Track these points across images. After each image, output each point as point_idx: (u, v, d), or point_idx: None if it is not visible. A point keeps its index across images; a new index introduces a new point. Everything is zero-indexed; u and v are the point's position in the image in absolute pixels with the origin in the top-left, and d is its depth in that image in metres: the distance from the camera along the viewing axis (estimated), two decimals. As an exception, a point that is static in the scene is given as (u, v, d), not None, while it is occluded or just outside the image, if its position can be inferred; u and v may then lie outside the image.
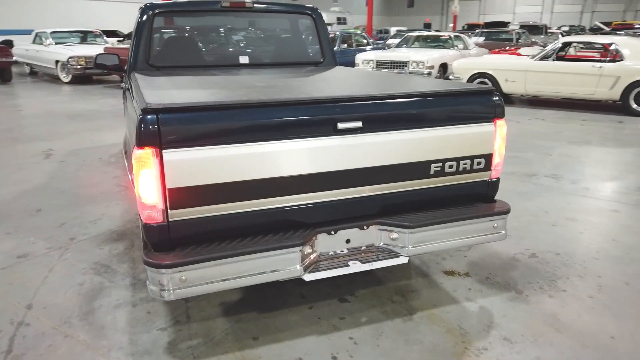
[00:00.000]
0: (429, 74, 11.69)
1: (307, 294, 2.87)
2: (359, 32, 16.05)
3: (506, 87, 9.97)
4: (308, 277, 2.34)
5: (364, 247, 2.55)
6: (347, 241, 2.51)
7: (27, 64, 15.82)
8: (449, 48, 13.47)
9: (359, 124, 2.33)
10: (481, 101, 2.62)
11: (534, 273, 3.14)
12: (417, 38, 14.53)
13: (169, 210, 2.10)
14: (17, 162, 5.76)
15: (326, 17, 35.55)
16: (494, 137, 2.63)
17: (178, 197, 2.09)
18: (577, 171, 5.43)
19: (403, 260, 2.50)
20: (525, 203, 4.43)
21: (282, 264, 2.26)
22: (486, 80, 10.11)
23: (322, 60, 4.45)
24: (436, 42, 14.16)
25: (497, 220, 2.68)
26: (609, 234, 3.74)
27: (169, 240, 2.16)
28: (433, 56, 12.00)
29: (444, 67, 12.30)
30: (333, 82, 3.29)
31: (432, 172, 2.55)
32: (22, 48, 15.55)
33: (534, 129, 7.76)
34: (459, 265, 3.24)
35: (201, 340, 2.45)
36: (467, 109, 2.59)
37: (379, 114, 2.39)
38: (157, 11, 3.95)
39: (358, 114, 2.34)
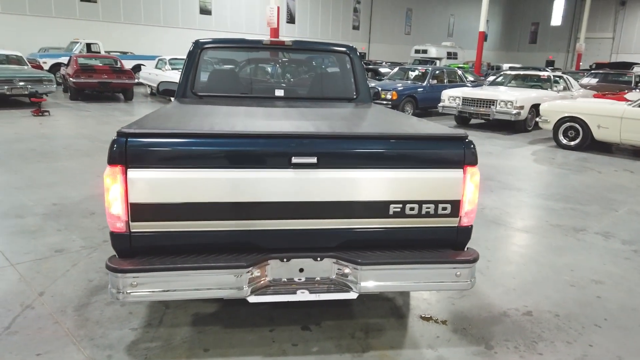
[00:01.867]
0: (518, 114, 11.20)
1: (275, 318, 3.01)
2: (458, 67, 15.81)
3: (598, 134, 9.24)
4: (252, 299, 2.49)
5: (318, 278, 2.64)
6: (301, 270, 2.62)
7: (149, 85, 17.84)
8: (547, 89, 12.78)
9: (313, 159, 2.46)
10: (450, 147, 2.61)
11: (517, 331, 2.97)
12: (515, 77, 13.98)
13: (130, 222, 2.40)
14: (100, 170, 6.61)
15: (436, 51, 35.38)
16: (462, 183, 2.60)
17: (139, 211, 2.38)
18: (636, 231, 4.92)
19: (353, 295, 2.56)
20: (553, 258, 4.14)
21: (226, 282, 2.44)
22: (576, 126, 9.46)
23: (355, 96, 4.60)
24: (536, 82, 13.52)
25: (460, 269, 2.61)
26: (630, 303, 3.39)
27: (130, 249, 2.45)
28: (524, 96, 11.49)
29: (537, 108, 11.68)
30: (340, 118, 3.39)
31: (391, 212, 2.58)
32: (146, 72, 17.61)
33: (614, 181, 7.12)
34: (441, 312, 3.16)
35: (160, 344, 2.70)
36: (433, 153, 2.60)
37: (334, 152, 2.50)
38: (205, 47, 4.42)
39: (313, 149, 2.47)
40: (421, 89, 13.77)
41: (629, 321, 3.15)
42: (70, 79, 14.00)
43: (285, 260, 2.58)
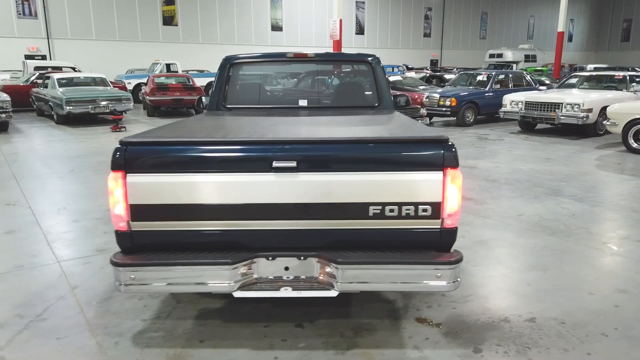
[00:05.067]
0: (586, 117, 10.56)
1: (273, 314, 3.18)
2: (535, 70, 15.05)
3: (673, 136, 8.51)
4: (238, 294, 2.69)
5: (303, 277, 2.79)
6: (286, 268, 2.78)
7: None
8: (622, 89, 11.93)
9: (293, 163, 2.62)
10: (429, 150, 2.65)
11: (512, 337, 2.91)
12: (589, 78, 13.17)
13: (131, 221, 2.70)
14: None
15: (512, 55, 34.03)
16: (442, 185, 2.63)
17: (138, 212, 2.67)
18: (688, 239, 4.53)
19: (333, 293, 2.68)
20: (580, 266, 3.95)
21: (212, 278, 2.66)
22: (647, 128, 8.78)
23: (377, 104, 4.69)
24: (612, 83, 12.65)
25: (441, 270, 2.64)
26: (652, 313, 3.18)
27: (132, 246, 2.74)
28: (592, 98, 10.82)
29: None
30: (346, 124, 3.51)
31: (370, 214, 2.67)
32: (217, 87, 18.59)
33: (682, 187, 6.54)
34: (438, 315, 3.16)
35: (163, 334, 2.96)
36: (412, 156, 2.66)
37: (312, 156, 2.65)
38: (233, 62, 4.73)
39: (292, 154, 2.64)
40: (483, 95, 13.39)
41: (642, 332, 2.96)
42: (147, 97, 15.19)
43: (270, 258, 2.75)
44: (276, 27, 32.10)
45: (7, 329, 3.02)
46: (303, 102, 4.73)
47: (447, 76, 18.82)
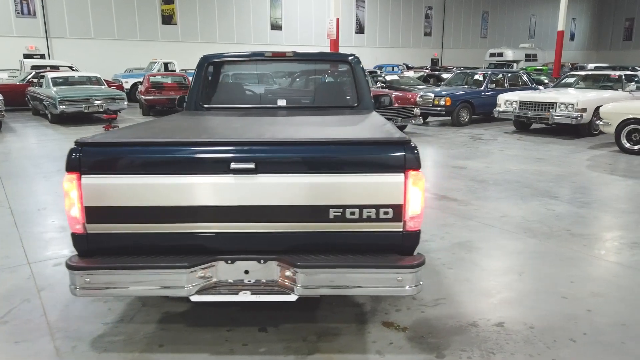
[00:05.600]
0: (580, 117, 10.47)
1: (238, 318, 3.12)
2: (534, 70, 14.99)
3: (667, 136, 8.42)
4: (195, 298, 2.64)
5: (264, 281, 2.73)
6: (246, 272, 2.72)
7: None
8: (617, 89, 11.82)
9: (251, 165, 2.57)
10: (390, 151, 2.59)
11: (478, 342, 2.85)
12: (585, 77, 13.08)
13: (86, 223, 2.64)
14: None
15: (512, 54, 33.90)
16: (404, 188, 2.57)
17: (94, 214, 2.62)
18: (671, 241, 4.46)
19: (292, 297, 2.62)
20: (558, 269, 3.88)
21: (169, 282, 2.60)
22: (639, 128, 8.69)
23: (356, 104, 4.62)
24: (608, 82, 12.55)
25: (402, 274, 2.58)
26: (623, 318, 3.11)
27: (88, 249, 2.69)
28: (587, 98, 10.73)
29: (603, 110, 10.84)
30: (316, 124, 3.46)
31: (331, 216, 2.61)
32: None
33: (671, 187, 6.46)
34: (406, 319, 3.11)
35: (123, 338, 2.92)
36: (373, 158, 2.60)
37: (271, 158, 2.59)
38: (210, 61, 4.68)
39: (250, 155, 2.58)
40: (478, 94, 13.31)
41: (612, 337, 2.90)
42: (142, 96, 15.15)
43: (230, 262, 2.70)
44: (275, 26, 32.05)
45: (-33, 332, 2.98)
46: (282, 102, 4.68)
47: (444, 75, 18.73)
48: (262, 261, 2.69)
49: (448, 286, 3.58)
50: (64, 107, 12.77)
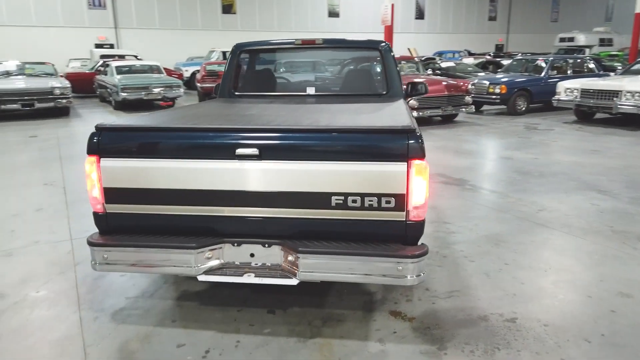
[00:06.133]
0: (646, 107, 9.74)
1: (250, 300, 3.23)
2: (608, 55, 13.99)
3: None
4: (202, 277, 2.76)
5: (269, 264, 2.81)
6: (252, 255, 2.81)
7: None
8: (693, 76, 10.87)
9: (255, 151, 2.64)
10: (393, 140, 2.57)
11: (484, 336, 2.79)
12: (659, 64, 12.11)
13: (105, 203, 2.83)
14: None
15: (584, 39, 31.90)
16: (406, 177, 2.55)
17: (112, 194, 2.80)
18: None
19: (293, 282, 2.68)
20: (586, 266, 3.69)
21: (178, 261, 2.74)
22: None
23: (385, 92, 4.57)
24: (684, 69, 11.56)
25: (402, 263, 2.57)
26: (650, 321, 2.93)
27: (108, 227, 2.88)
28: (656, 86, 9.94)
29: (675, 99, 10.02)
30: (346, 112, 3.44)
31: (333, 204, 2.63)
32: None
33: None
34: (415, 310, 3.08)
35: (140, 312, 3.10)
36: (376, 146, 2.59)
37: (274, 144, 2.65)
38: (242, 49, 4.79)
39: (255, 142, 2.65)
40: (537, 82, 12.67)
41: (630, 339, 2.74)
42: (198, 84, 15.66)
43: (236, 245, 2.79)
44: (333, 14, 31.94)
45: (7, 300, 3.27)
46: (311, 90, 4.71)
47: (505, 62, 17.98)
48: (266, 245, 2.77)
49: (465, 279, 3.50)
50: (125, 94, 13.47)
